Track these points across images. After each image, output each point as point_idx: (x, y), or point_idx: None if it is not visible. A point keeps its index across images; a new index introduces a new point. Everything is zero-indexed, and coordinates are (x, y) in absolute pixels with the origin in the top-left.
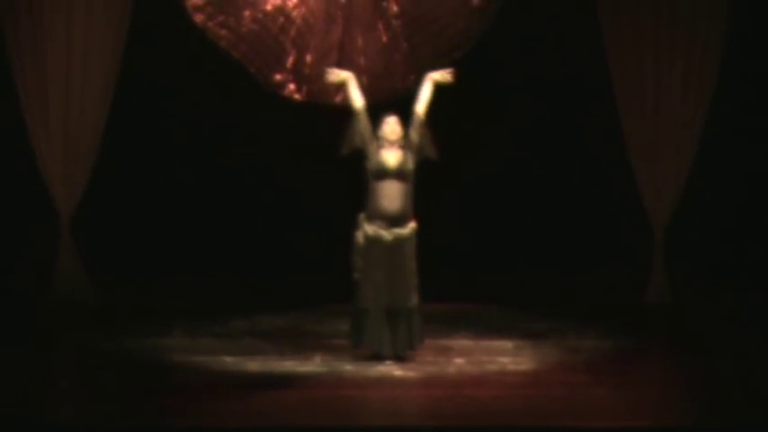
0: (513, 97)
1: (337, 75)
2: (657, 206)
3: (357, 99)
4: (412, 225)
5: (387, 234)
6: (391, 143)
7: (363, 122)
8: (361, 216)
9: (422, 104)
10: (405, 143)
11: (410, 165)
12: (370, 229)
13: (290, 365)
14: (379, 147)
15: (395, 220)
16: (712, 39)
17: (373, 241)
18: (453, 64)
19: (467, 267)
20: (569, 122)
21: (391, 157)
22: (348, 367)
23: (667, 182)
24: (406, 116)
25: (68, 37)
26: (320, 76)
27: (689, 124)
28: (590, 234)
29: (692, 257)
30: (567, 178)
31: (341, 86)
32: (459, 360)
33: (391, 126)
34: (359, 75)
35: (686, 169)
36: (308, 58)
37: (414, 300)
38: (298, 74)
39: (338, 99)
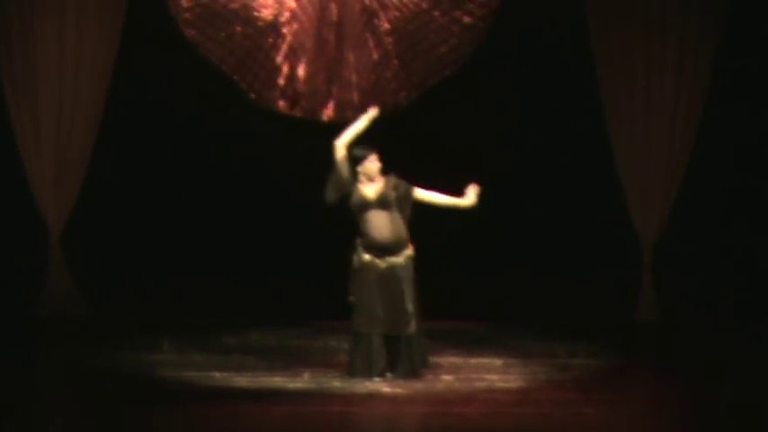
0: (502, 115)
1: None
2: (647, 224)
3: (346, 146)
4: (408, 252)
5: (381, 262)
6: (370, 179)
7: (345, 169)
8: (358, 240)
9: (430, 197)
10: (387, 183)
11: (391, 194)
12: (365, 255)
13: (280, 381)
14: (359, 182)
15: (387, 249)
16: (702, 58)
17: (368, 267)
18: (445, 80)
19: (456, 284)
20: (558, 141)
21: (370, 189)
22: (337, 384)
23: (657, 200)
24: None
25: (60, 48)
26: (312, 91)
27: (678, 143)
28: (580, 252)
29: (682, 276)
30: (557, 196)
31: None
32: (447, 377)
33: (371, 163)
34: (350, 91)
35: (675, 188)
36: (300, 73)
37: (411, 327)
38: (290, 90)
39: (327, 115)
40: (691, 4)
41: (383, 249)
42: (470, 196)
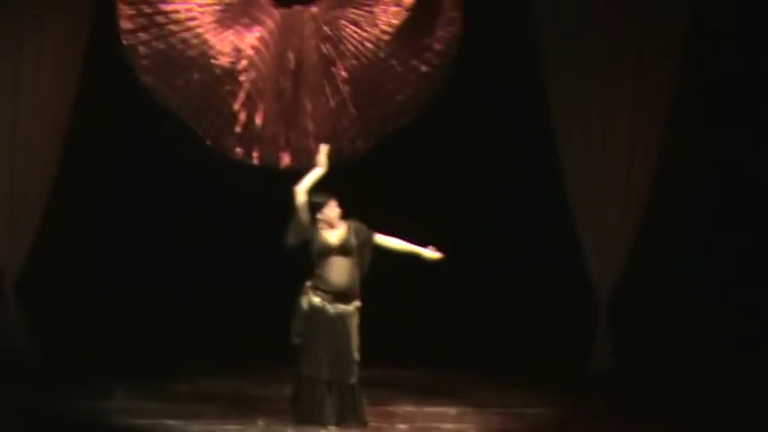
0: (455, 162)
1: (322, 159)
2: (602, 274)
3: (306, 192)
4: (356, 303)
5: (330, 308)
6: (331, 225)
7: (306, 214)
8: (308, 284)
9: (391, 243)
10: (349, 229)
11: (353, 241)
12: (315, 298)
13: (233, 429)
14: (321, 228)
15: (340, 295)
16: (657, 100)
17: (316, 311)
18: (401, 129)
19: (409, 331)
20: (514, 190)
21: (333, 235)
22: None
23: (612, 249)
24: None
25: (15, 97)
26: (269, 139)
27: (635, 193)
28: (534, 300)
29: (637, 324)
30: (513, 242)
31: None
32: (402, 426)
33: (330, 210)
34: (306, 138)
35: (632, 235)
36: (258, 121)
37: (355, 376)
38: (247, 137)
39: (285, 163)
40: (644, 52)
41: (337, 295)
42: (431, 253)
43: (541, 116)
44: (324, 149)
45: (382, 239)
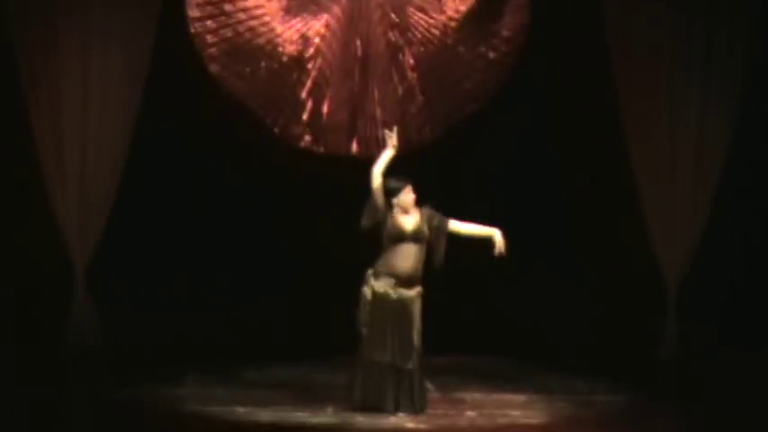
0: (525, 151)
1: (393, 140)
2: (672, 260)
3: (381, 175)
4: (418, 289)
5: (393, 293)
6: (406, 210)
7: (381, 198)
8: (369, 272)
9: (464, 229)
10: (422, 216)
11: (425, 228)
12: (377, 285)
13: (303, 416)
14: (395, 213)
15: (403, 281)
16: (726, 94)
17: (380, 298)
18: (470, 116)
19: (477, 318)
20: (584, 176)
21: (408, 221)
22: (360, 419)
23: (683, 235)
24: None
25: (84, 85)
26: (336, 127)
27: (704, 173)
28: (603, 287)
29: (707, 313)
30: (581, 230)
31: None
32: (470, 413)
33: (406, 195)
34: (375, 127)
35: (702, 223)
36: (325, 109)
37: (414, 361)
38: (314, 125)
39: (354, 150)
40: (717, 38)
41: (401, 280)
42: (499, 237)
43: (610, 104)
44: (394, 131)
45: (456, 226)
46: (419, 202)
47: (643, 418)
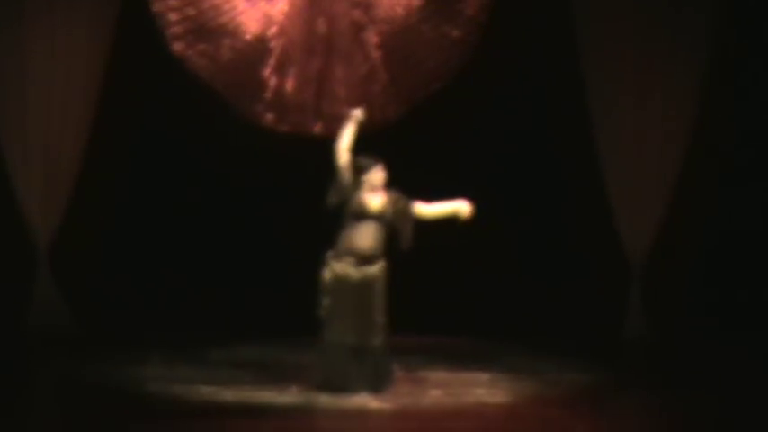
0: (487, 131)
1: (357, 113)
2: (635, 240)
3: (348, 151)
4: (381, 264)
5: (354, 272)
6: (375, 189)
7: (348, 174)
8: (329, 254)
9: (429, 211)
10: (389, 198)
11: (390, 209)
12: (338, 266)
13: (267, 396)
14: (363, 190)
15: (364, 259)
16: (691, 75)
17: (340, 280)
18: (433, 95)
19: (443, 298)
20: (546, 154)
21: (374, 201)
22: (324, 399)
23: (645, 214)
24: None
25: (49, 63)
26: (299, 106)
27: (668, 155)
28: (567, 267)
29: (671, 291)
30: (544, 209)
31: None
32: (435, 392)
33: (376, 173)
34: (338, 105)
35: (665, 202)
36: (288, 87)
37: (379, 339)
38: (277, 104)
39: (317, 129)
40: (682, 20)
41: (362, 258)
42: (465, 208)
43: (573, 83)
44: (356, 112)
45: (421, 209)
46: (388, 184)
47: (608, 397)
